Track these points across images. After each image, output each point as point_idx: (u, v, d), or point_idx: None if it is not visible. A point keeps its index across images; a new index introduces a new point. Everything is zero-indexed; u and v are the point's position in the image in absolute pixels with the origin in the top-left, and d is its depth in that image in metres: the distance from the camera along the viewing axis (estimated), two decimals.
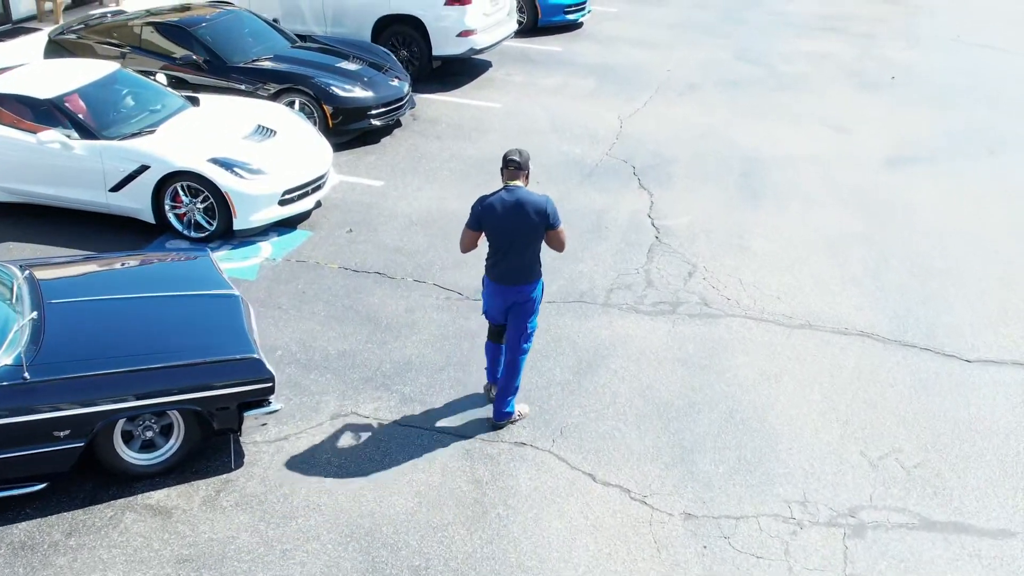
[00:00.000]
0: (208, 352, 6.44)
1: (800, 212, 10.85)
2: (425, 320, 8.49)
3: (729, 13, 20.49)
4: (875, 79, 16.05)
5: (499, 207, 6.56)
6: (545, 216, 6.55)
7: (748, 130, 13.38)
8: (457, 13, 14.42)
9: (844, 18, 20.32)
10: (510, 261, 6.68)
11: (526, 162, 6.66)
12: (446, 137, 12.80)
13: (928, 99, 15.06)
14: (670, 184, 11.51)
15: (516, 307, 6.82)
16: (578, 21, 18.55)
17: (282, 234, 9.99)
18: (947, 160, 12.57)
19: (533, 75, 15.63)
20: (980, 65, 17.14)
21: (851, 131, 13.53)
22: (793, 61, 16.96)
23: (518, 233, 6.57)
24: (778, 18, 20.20)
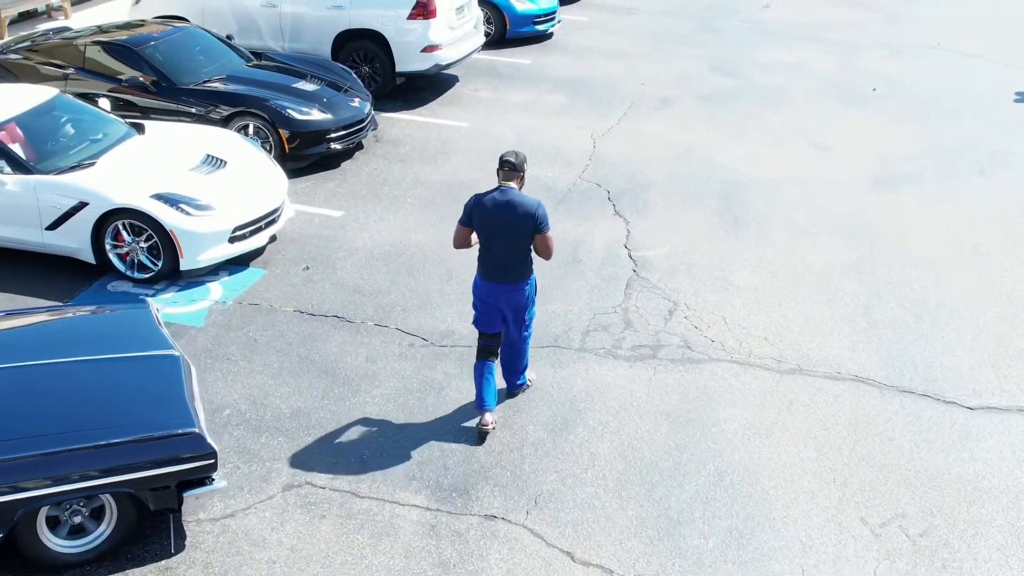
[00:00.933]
0: (143, 427, 5.83)
1: (785, 241, 10.36)
2: (387, 371, 7.91)
3: (704, 22, 20.03)
4: (856, 91, 15.62)
5: (490, 205, 6.73)
6: (533, 219, 6.69)
7: (727, 149, 12.90)
8: (421, 27, 13.84)
9: (821, 26, 19.92)
10: (499, 259, 6.84)
11: (521, 164, 6.79)
12: (410, 160, 12.22)
13: (912, 112, 14.65)
14: (647, 210, 10.99)
15: (513, 309, 6.99)
16: (548, 32, 18.02)
17: (233, 273, 9.37)
18: (936, 180, 12.14)
19: (501, 90, 15.08)
20: (962, 74, 16.77)
21: (834, 149, 13.08)
22: (771, 72, 16.51)
23: (507, 233, 6.73)
24: (754, 27, 19.77)
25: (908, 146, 13.25)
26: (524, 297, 7.00)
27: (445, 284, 9.26)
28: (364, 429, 7.20)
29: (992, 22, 20.76)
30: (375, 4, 13.92)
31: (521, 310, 7.06)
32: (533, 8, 17.56)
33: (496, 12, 17.31)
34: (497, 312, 7.02)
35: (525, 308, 7.07)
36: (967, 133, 13.84)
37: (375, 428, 7.21)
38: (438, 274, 9.44)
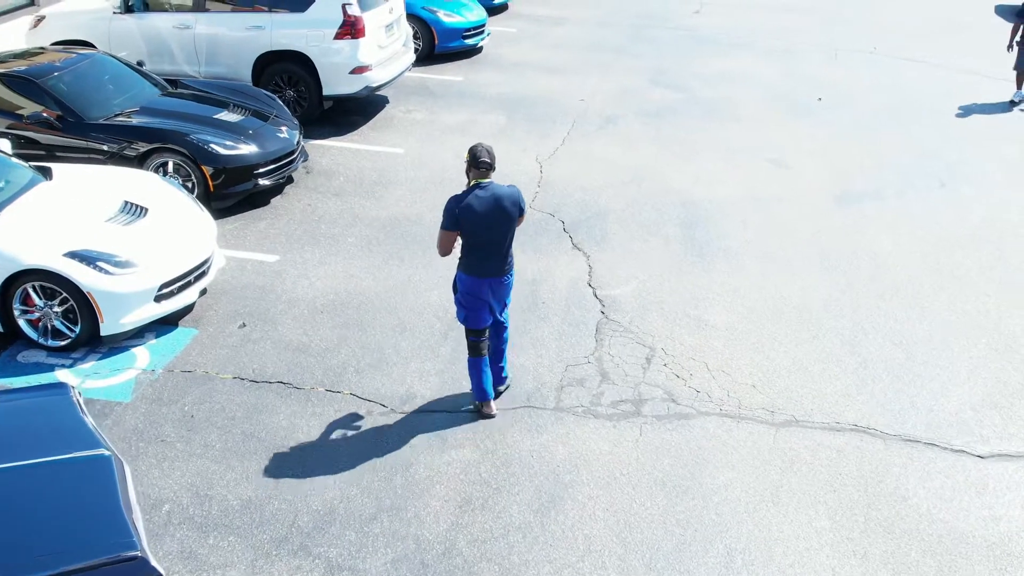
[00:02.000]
0: (74, 553, 4.94)
1: (756, 271, 9.82)
2: (345, 448, 7.10)
3: (636, 30, 19.54)
4: (802, 101, 15.26)
5: (478, 205, 6.85)
6: (518, 204, 7.01)
7: (680, 169, 12.35)
8: (349, 47, 13.00)
9: (755, 32, 19.60)
10: (494, 254, 7.00)
11: (491, 164, 6.96)
12: (346, 193, 11.38)
13: (860, 122, 14.31)
14: (607, 242, 10.35)
15: (497, 298, 7.20)
16: (477, 46, 17.31)
17: (161, 335, 8.45)
18: (897, 197, 11.76)
19: (435, 111, 14.31)
20: (905, 79, 16.56)
21: (790, 165, 12.63)
22: (713, 84, 16.06)
23: (500, 226, 6.91)
24: (687, 34, 19.34)
25: (863, 159, 12.88)
26: (509, 283, 7.27)
27: (399, 337, 8.47)
28: (326, 520, 6.38)
29: (920, 25, 20.71)
30: (298, 24, 13.03)
31: (507, 294, 7.32)
32: (461, 21, 16.84)
33: (423, 27, 16.54)
34: (486, 306, 7.17)
35: (507, 293, 7.32)
36: (919, 143, 13.55)
37: (339, 519, 6.40)
38: (390, 326, 8.65)
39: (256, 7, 13.19)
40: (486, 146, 6.97)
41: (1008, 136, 13.98)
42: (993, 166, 12.83)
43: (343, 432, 7.24)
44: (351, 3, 12.89)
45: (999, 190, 12.05)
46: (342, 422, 7.36)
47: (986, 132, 14.09)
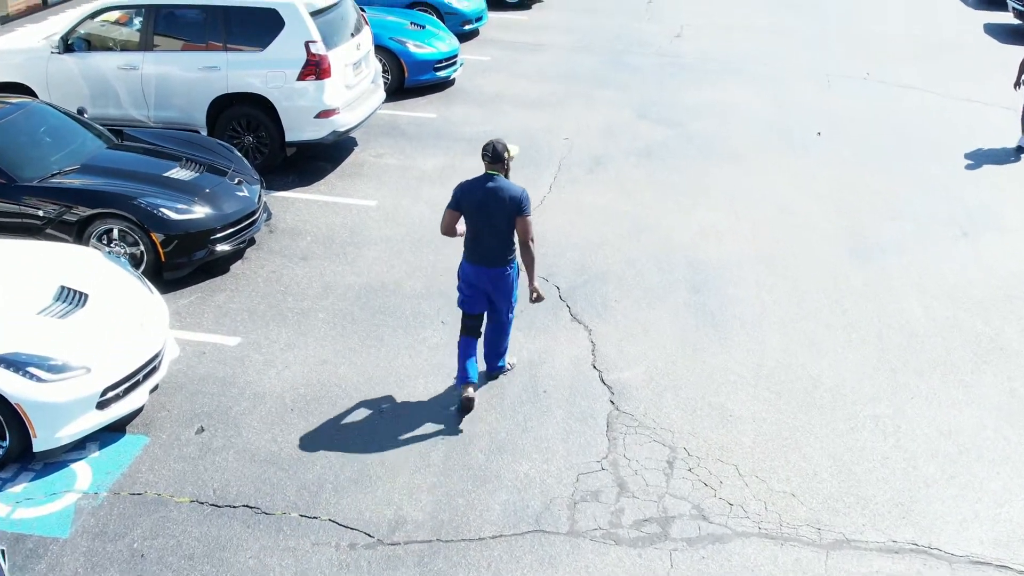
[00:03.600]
0: None
1: (777, 345, 8.89)
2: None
3: (616, 57, 18.63)
4: (800, 135, 14.41)
5: (478, 190, 7.34)
6: (517, 202, 7.33)
7: (681, 220, 11.43)
8: (314, 89, 11.94)
9: (740, 57, 18.78)
10: (486, 243, 7.42)
11: (499, 154, 7.40)
12: (315, 256, 10.32)
13: (866, 159, 13.48)
14: (609, 312, 9.38)
15: (498, 293, 7.63)
16: (450, 78, 16.29)
17: (105, 445, 7.36)
18: (919, 249, 10.92)
19: (409, 154, 13.29)
20: (903, 109, 15.78)
21: (796, 211, 11.75)
22: (703, 116, 15.17)
23: (493, 216, 7.31)
24: (669, 61, 18.47)
25: (874, 203, 12.04)
26: (508, 282, 7.61)
27: (382, 440, 7.44)
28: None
29: (912, 45, 20.01)
30: (257, 64, 11.96)
31: (506, 293, 7.67)
32: (433, 52, 15.83)
33: (392, 59, 15.52)
34: (483, 294, 7.64)
35: (510, 291, 7.67)
36: (930, 184, 12.74)
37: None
38: (370, 426, 7.63)
39: (210, 44, 12.11)
40: (495, 141, 7.42)
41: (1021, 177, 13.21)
42: (1011, 209, 12.04)
43: (323, 572, 6.18)
44: (315, 40, 11.84)
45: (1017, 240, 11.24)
46: (321, 559, 6.31)
47: (998, 171, 13.34)
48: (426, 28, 16.40)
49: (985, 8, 23.99)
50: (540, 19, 21.68)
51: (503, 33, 20.19)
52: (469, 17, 19.28)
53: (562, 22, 21.33)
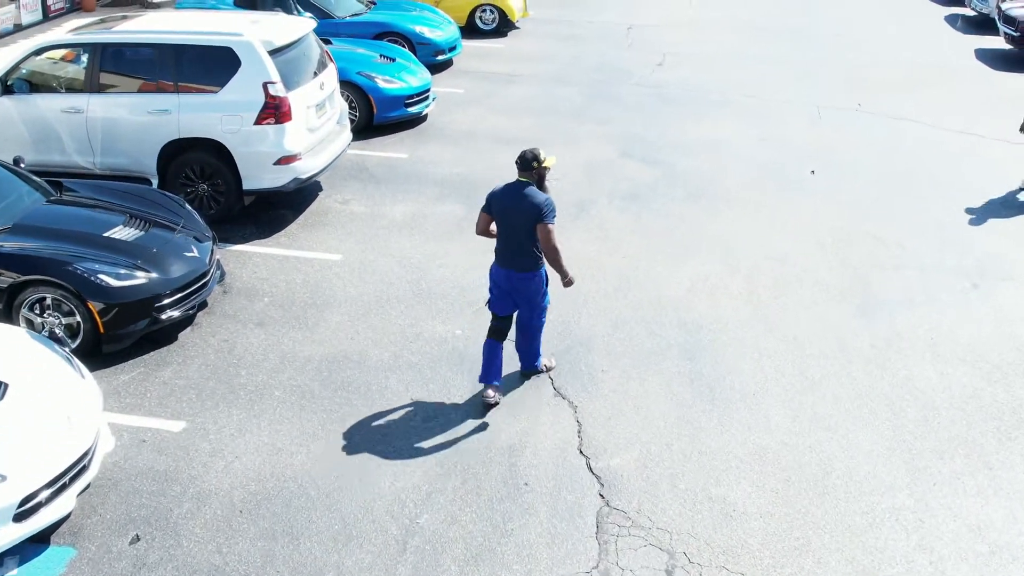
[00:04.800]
0: None
1: (782, 423, 8.13)
2: None
3: (596, 88, 17.91)
4: (794, 175, 13.71)
5: (505, 195, 7.72)
6: (538, 210, 7.54)
7: (671, 273, 10.67)
8: (274, 134, 11.12)
9: (724, 87, 18.11)
10: (508, 245, 7.72)
11: (528, 162, 7.67)
12: (272, 321, 9.48)
13: (863, 201, 12.79)
14: (595, 385, 8.58)
15: (521, 297, 7.89)
16: (422, 114, 15.50)
17: (27, 560, 6.53)
18: (928, 302, 10.22)
19: (377, 200, 12.48)
20: (898, 143, 15.13)
21: (794, 261, 11.02)
22: (691, 154, 14.45)
23: (515, 221, 7.61)
24: (653, 92, 17.77)
25: (877, 252, 11.32)
26: (532, 288, 7.85)
27: (343, 552, 6.61)
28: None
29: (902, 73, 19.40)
30: (212, 106, 11.13)
31: (532, 298, 7.92)
32: (403, 87, 15.06)
33: (360, 95, 14.73)
34: (508, 296, 7.89)
35: (535, 297, 7.93)
36: (934, 229, 12.05)
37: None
38: (330, 533, 6.78)
39: (161, 85, 11.28)
40: (527, 149, 7.74)
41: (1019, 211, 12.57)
42: (1020, 256, 11.33)
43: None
44: (274, 81, 11.02)
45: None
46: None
47: (1002, 212, 12.67)
48: (396, 61, 15.63)
49: (975, 33, 23.50)
50: (516, 47, 20.98)
51: (478, 62, 19.45)
52: (442, 47, 18.55)
53: (539, 50, 20.64)
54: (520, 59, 19.89)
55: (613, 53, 20.64)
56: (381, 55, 15.71)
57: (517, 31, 22.39)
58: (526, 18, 22.67)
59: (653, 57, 20.34)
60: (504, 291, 7.91)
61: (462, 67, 19.10)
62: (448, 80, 18.02)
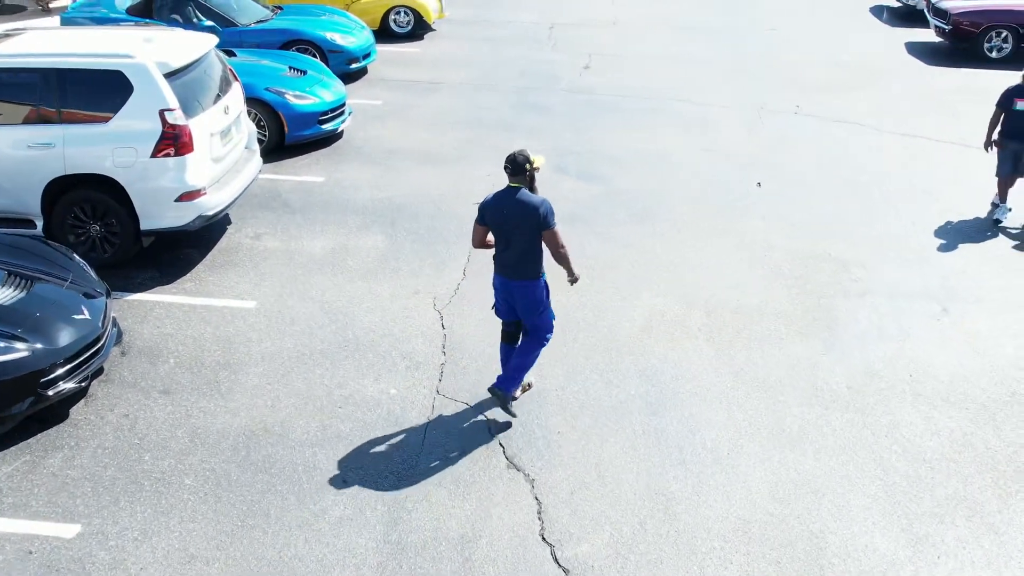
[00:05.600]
0: None
1: (764, 491, 7.36)
2: None
3: (522, 96, 17.00)
4: (739, 189, 12.98)
5: (499, 205, 7.41)
6: (536, 216, 7.31)
7: (622, 310, 9.84)
8: (174, 167, 9.98)
9: (657, 92, 17.37)
10: (507, 255, 7.51)
11: (520, 166, 7.38)
12: (179, 389, 8.37)
13: (816, 216, 12.13)
14: (553, 452, 7.68)
15: (521, 305, 7.65)
16: (338, 130, 14.41)
17: None
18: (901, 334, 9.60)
19: (294, 233, 11.39)
20: (844, 149, 14.56)
21: (753, 291, 10.30)
22: (628, 167, 13.65)
23: (512, 229, 7.38)
24: (583, 98, 16.93)
25: (838, 275, 10.67)
26: (532, 298, 7.58)
27: None
28: None
29: (836, 73, 18.89)
30: (101, 138, 9.93)
31: (530, 307, 7.62)
32: (316, 103, 13.95)
33: (269, 113, 13.59)
34: (507, 304, 7.71)
35: (537, 307, 7.63)
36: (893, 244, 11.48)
37: None
38: None
39: (43, 113, 10.03)
40: (517, 152, 7.42)
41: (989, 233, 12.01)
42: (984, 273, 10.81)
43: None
44: (172, 108, 9.86)
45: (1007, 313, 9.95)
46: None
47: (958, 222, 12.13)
48: (308, 74, 14.50)
49: (903, 25, 23.19)
50: (434, 51, 19.96)
51: (394, 70, 18.39)
52: (355, 55, 17.45)
53: (459, 54, 19.65)
54: (439, 65, 18.87)
55: (537, 55, 19.75)
56: (291, 67, 14.57)
57: (434, 33, 21.38)
58: (442, 19, 21.66)
59: (579, 59, 19.50)
60: (507, 302, 7.74)
61: (378, 75, 18.03)
62: (364, 90, 16.93)
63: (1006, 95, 11.64)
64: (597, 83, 17.85)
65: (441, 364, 8.81)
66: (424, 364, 8.81)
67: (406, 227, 11.60)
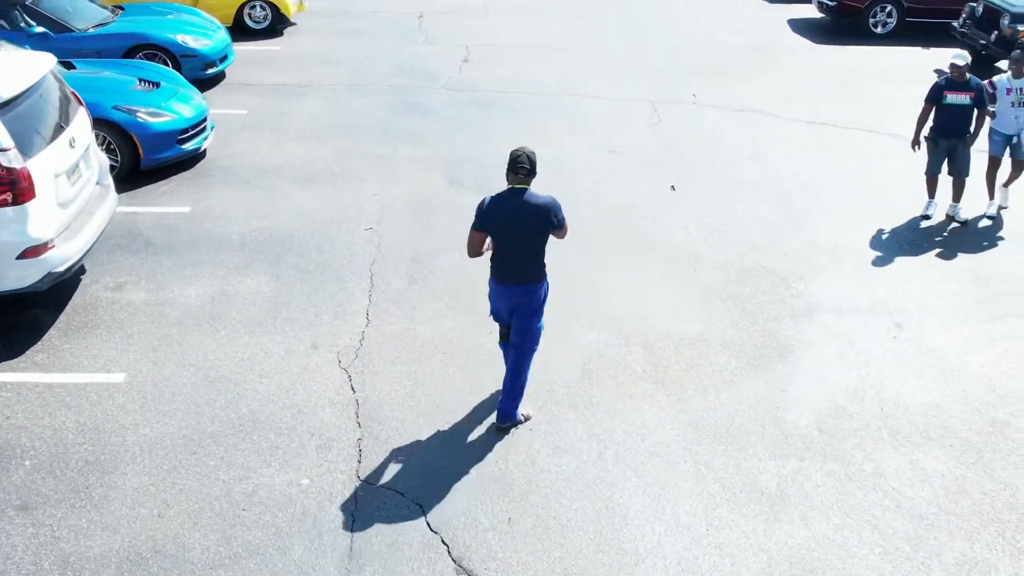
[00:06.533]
0: None
1: (753, 572, 6.32)
2: None
3: (401, 96, 15.70)
4: (653, 195, 12.04)
5: (503, 208, 6.94)
6: (548, 215, 6.96)
7: (558, 352, 8.75)
8: (13, 219, 8.41)
9: (544, 86, 16.35)
10: (513, 261, 7.10)
11: (535, 166, 6.96)
12: (41, 502, 6.90)
13: (743, 223, 11.34)
14: (506, 544, 6.58)
15: (520, 306, 7.22)
16: (200, 149, 12.83)
17: None
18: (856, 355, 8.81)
19: (161, 280, 9.89)
20: (757, 141, 13.86)
21: (690, 319, 9.37)
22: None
23: (521, 234, 6.97)
24: (467, 97, 15.74)
25: (777, 291, 9.89)
26: (537, 298, 7.25)
27: None
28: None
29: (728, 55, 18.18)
30: None
31: (531, 310, 7.26)
32: (173, 120, 12.35)
33: (120, 136, 11.93)
34: (506, 309, 7.31)
35: (532, 313, 7.28)
36: (828, 249, 10.82)
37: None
38: None
39: None
40: (527, 151, 6.96)
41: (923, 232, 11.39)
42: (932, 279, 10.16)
43: None
44: (5, 148, 8.26)
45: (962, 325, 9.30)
46: None
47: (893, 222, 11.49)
48: (161, 86, 12.87)
49: (780, 1, 22.69)
50: (297, 48, 18.40)
51: (256, 72, 16.79)
52: (211, 58, 15.82)
53: (324, 51, 18.15)
54: (305, 64, 17.34)
55: (410, 49, 18.42)
56: (140, 79, 12.90)
57: (294, 28, 19.79)
58: (302, 12, 20.07)
59: (456, 52, 18.26)
60: (507, 307, 7.31)
61: (238, 79, 16.41)
62: (224, 98, 15.31)
63: (935, 89, 10.99)
64: (479, 78, 16.66)
65: (358, 440, 7.54)
66: (337, 441, 7.53)
67: (293, 263, 10.23)
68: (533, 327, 7.34)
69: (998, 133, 11.08)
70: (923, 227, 11.35)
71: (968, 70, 10.80)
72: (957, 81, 10.79)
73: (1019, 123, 10.87)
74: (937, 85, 10.97)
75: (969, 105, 10.74)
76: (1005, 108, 10.91)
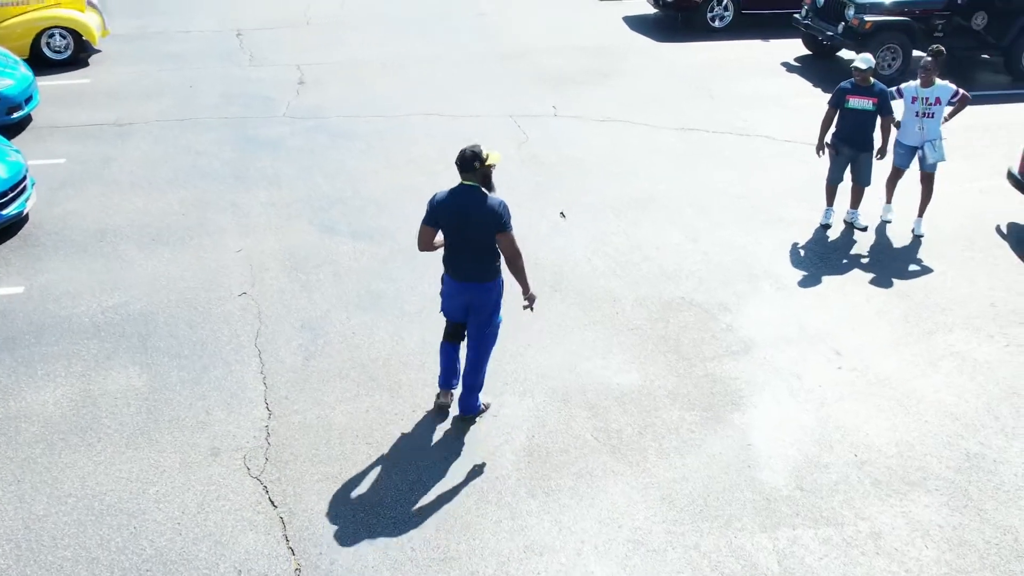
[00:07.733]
0: None
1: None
2: None
3: (239, 130, 14.29)
4: (541, 224, 11.26)
5: (452, 204, 6.99)
6: (495, 216, 6.91)
7: (490, 425, 7.89)
8: None
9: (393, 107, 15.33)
10: (464, 257, 7.13)
11: (469, 162, 6.91)
12: None
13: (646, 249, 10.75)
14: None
15: (475, 306, 7.26)
16: (23, 214, 11.15)
17: None
18: (812, 400, 8.32)
19: (6, 388, 8.43)
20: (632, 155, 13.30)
21: (627, 371, 8.71)
22: (406, 214, 11.52)
23: (470, 230, 6.97)
24: (313, 125, 14.48)
25: (707, 328, 9.32)
26: (492, 299, 7.27)
27: None
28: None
29: (573, 59, 17.59)
30: None
31: (485, 309, 7.28)
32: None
33: None
34: (461, 307, 7.34)
35: (494, 308, 7.33)
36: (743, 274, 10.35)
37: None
38: None
39: None
40: (471, 148, 6.93)
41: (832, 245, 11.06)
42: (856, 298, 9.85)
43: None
44: None
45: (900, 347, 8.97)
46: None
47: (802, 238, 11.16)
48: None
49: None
50: (108, 80, 16.59)
51: (66, 111, 14.98)
52: (16, 100, 13.98)
53: (140, 81, 16.44)
54: (121, 97, 15.61)
55: (236, 73, 16.93)
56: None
57: (100, 56, 17.89)
58: (106, 37, 18.18)
59: (288, 73, 16.90)
60: (460, 305, 7.35)
61: (47, 120, 14.57)
62: (35, 146, 13.51)
63: (839, 92, 10.62)
64: (320, 102, 15.42)
65: (295, 571, 6.42)
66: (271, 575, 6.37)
67: (163, 348, 8.88)
68: (492, 324, 7.39)
69: (902, 145, 10.80)
70: (828, 238, 11.01)
71: (872, 74, 10.48)
72: (861, 85, 10.45)
73: (923, 134, 10.60)
74: (841, 88, 10.62)
75: (872, 111, 10.42)
76: (910, 118, 10.64)
